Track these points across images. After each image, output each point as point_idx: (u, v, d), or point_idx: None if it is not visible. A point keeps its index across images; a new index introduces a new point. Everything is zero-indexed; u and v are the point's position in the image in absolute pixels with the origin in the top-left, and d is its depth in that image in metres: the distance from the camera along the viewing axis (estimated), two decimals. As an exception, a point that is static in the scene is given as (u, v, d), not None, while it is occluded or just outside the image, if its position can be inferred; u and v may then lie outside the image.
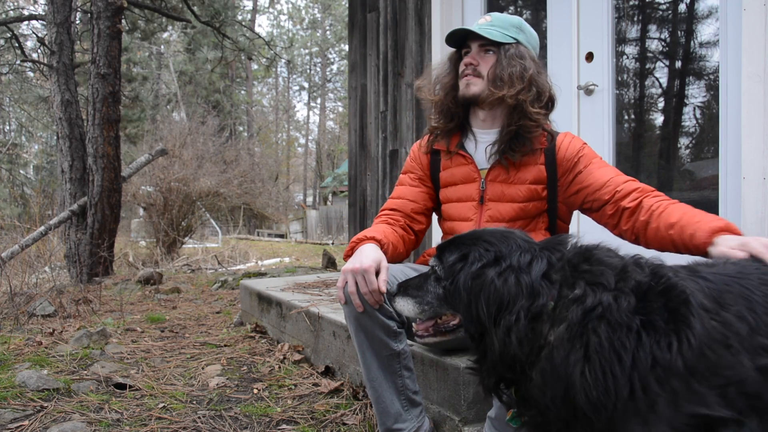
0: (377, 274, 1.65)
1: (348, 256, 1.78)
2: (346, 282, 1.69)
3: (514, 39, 1.88)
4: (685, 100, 3.07)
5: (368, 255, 1.68)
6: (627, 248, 1.27)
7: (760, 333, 1.06)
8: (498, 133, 1.92)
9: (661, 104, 3.25)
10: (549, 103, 1.92)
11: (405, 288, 1.41)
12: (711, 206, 2.71)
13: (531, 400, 1.14)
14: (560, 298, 1.12)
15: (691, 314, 1.04)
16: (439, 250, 1.34)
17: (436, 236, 2.18)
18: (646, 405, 1.01)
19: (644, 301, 1.07)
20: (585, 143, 1.93)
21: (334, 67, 39.55)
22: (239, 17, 19.93)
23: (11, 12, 12.52)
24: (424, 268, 1.95)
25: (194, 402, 2.45)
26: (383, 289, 1.64)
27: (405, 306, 1.39)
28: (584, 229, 3.04)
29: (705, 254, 1.47)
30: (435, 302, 1.33)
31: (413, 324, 1.45)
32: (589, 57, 3.15)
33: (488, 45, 1.89)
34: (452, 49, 2.01)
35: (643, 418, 1.02)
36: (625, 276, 1.10)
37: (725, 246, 1.40)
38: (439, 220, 2.11)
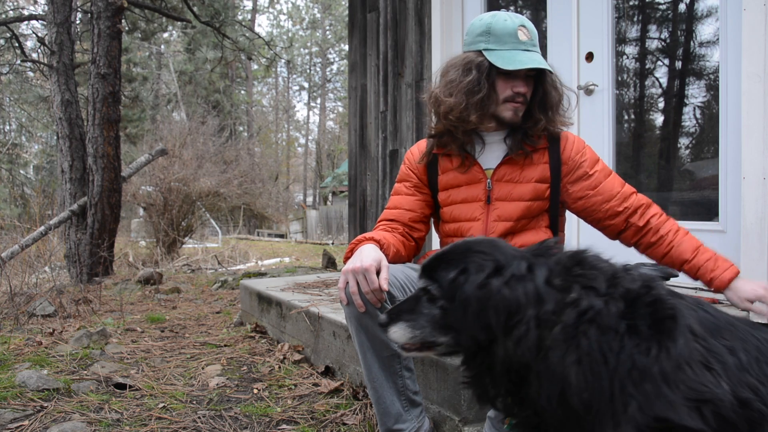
0: (378, 273, 1.65)
1: (348, 258, 1.78)
2: (347, 282, 1.69)
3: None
4: (685, 100, 3.07)
5: (368, 254, 1.68)
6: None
7: (750, 373, 1.07)
8: (508, 131, 1.93)
9: (661, 104, 3.25)
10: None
11: (398, 313, 1.36)
12: (711, 206, 2.71)
13: (528, 401, 1.15)
14: (557, 304, 1.13)
15: (677, 329, 1.06)
16: (427, 269, 1.31)
17: (436, 237, 2.17)
18: (621, 405, 1.03)
19: (632, 307, 1.09)
20: (585, 143, 1.96)
21: (334, 67, 39.56)
22: (239, 17, 19.94)
23: (11, 12, 12.52)
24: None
25: (194, 402, 2.45)
26: (385, 287, 1.63)
27: (400, 333, 1.33)
28: (583, 230, 3.04)
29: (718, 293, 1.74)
30: (428, 326, 1.29)
31: None
32: (589, 57, 3.15)
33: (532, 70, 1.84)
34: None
35: (615, 419, 1.04)
36: (615, 282, 1.13)
37: (739, 295, 1.68)
38: (438, 224, 2.08)
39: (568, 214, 2.06)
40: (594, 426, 1.06)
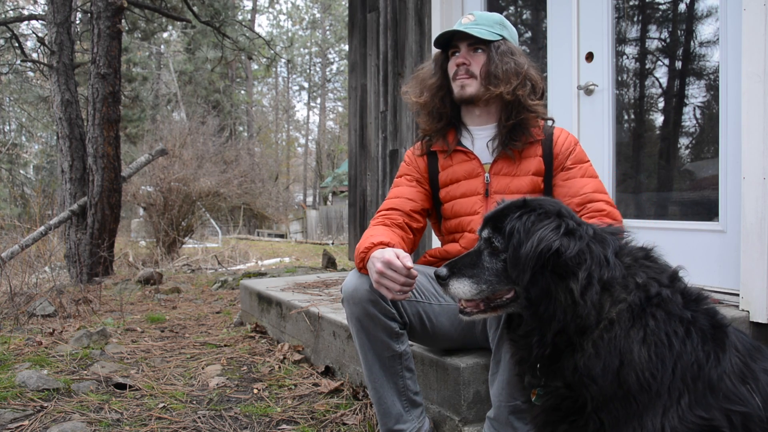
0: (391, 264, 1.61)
1: (359, 265, 1.74)
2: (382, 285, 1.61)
3: (500, 35, 1.91)
4: (685, 100, 3.06)
5: (379, 258, 1.62)
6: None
7: None
8: (495, 128, 1.95)
9: (661, 104, 3.25)
10: (542, 94, 1.97)
11: (459, 267, 1.29)
12: (711, 206, 2.71)
13: (567, 372, 1.17)
14: (624, 280, 1.20)
15: (727, 341, 1.15)
16: (493, 220, 1.28)
17: (437, 240, 2.17)
18: (677, 394, 1.10)
19: (691, 304, 1.20)
20: (578, 142, 1.98)
21: (334, 67, 39.51)
22: (239, 17, 19.93)
23: (11, 12, 12.52)
24: (425, 269, 1.95)
25: (194, 402, 2.45)
26: (408, 264, 1.57)
27: (461, 288, 1.28)
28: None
29: None
30: (494, 279, 1.25)
31: (461, 300, 1.34)
32: (589, 57, 3.15)
33: (477, 44, 1.91)
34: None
35: (665, 406, 1.09)
36: (675, 280, 1.24)
37: None
38: (439, 222, 2.08)
39: None
40: (642, 407, 1.10)
